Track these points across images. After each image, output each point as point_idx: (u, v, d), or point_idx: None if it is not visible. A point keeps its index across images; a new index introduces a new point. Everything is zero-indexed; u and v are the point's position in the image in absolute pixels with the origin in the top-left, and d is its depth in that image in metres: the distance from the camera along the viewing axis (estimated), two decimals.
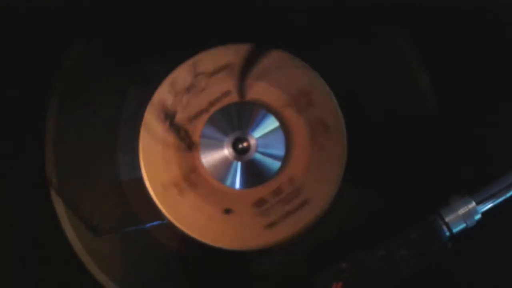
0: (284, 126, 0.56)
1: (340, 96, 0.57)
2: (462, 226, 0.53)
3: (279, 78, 0.57)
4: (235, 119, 0.56)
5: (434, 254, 0.53)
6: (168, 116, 0.56)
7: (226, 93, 0.56)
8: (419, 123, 0.58)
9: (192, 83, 0.57)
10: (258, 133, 0.56)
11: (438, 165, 0.57)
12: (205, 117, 0.56)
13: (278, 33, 0.58)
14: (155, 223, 0.57)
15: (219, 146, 0.56)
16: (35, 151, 0.58)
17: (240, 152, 0.56)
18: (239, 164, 0.56)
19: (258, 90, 0.57)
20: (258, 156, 0.56)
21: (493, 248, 0.57)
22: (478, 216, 0.54)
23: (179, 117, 0.56)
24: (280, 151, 0.56)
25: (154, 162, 0.56)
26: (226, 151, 0.56)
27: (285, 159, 0.56)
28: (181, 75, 0.57)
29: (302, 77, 0.57)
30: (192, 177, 0.56)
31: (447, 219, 0.53)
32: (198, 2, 0.59)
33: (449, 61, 0.59)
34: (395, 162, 0.57)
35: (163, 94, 0.57)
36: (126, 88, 0.59)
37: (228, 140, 0.56)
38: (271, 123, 0.56)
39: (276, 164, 0.56)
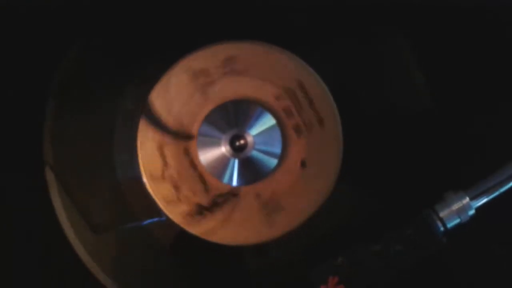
0: (279, 121, 0.56)
1: (339, 95, 0.57)
2: (456, 221, 0.54)
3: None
4: (232, 117, 0.56)
5: (428, 249, 0.53)
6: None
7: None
8: (417, 122, 0.58)
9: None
10: (255, 130, 0.56)
11: (433, 162, 0.57)
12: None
13: (278, 33, 0.58)
14: (153, 220, 0.57)
15: (216, 143, 0.56)
16: (34, 150, 0.58)
17: (238, 150, 0.56)
18: (236, 161, 0.56)
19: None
20: (255, 153, 0.56)
21: (486, 242, 0.57)
22: (472, 212, 0.54)
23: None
24: (277, 148, 0.56)
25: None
26: (224, 149, 0.56)
27: (282, 155, 0.56)
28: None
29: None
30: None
31: (441, 215, 0.54)
32: (196, 2, 0.59)
33: (448, 61, 0.59)
34: (391, 159, 0.58)
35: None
36: (124, 88, 0.59)
37: (226, 138, 0.56)
38: (268, 121, 0.56)
39: (273, 161, 0.56)
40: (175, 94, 0.57)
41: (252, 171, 0.56)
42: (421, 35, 0.59)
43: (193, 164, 0.56)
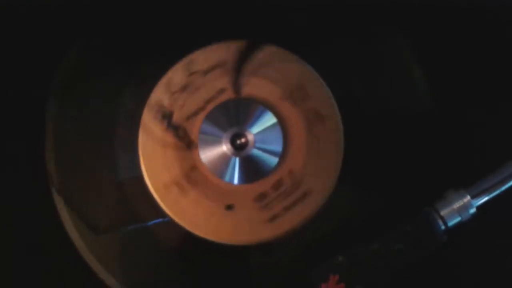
0: (280, 120, 0.56)
1: (339, 95, 0.57)
2: (457, 219, 0.54)
3: (273, 72, 0.57)
4: (233, 115, 0.56)
5: (429, 247, 0.53)
6: (166, 116, 0.57)
7: (222, 91, 0.57)
8: (417, 121, 0.58)
9: (187, 82, 0.57)
10: (256, 128, 0.56)
11: (433, 161, 0.57)
12: (202, 115, 0.57)
13: (278, 32, 0.58)
14: (156, 221, 0.57)
15: (217, 142, 0.56)
16: (36, 151, 0.58)
17: (238, 148, 0.56)
18: (237, 159, 0.56)
19: (253, 86, 0.57)
20: (256, 151, 0.56)
21: (487, 241, 0.57)
22: (473, 210, 0.54)
23: (177, 117, 0.57)
24: (278, 146, 0.56)
25: (154, 161, 0.57)
26: (225, 147, 0.56)
27: (283, 153, 0.56)
28: (176, 74, 0.57)
29: (296, 71, 0.57)
30: (192, 174, 0.56)
31: (442, 213, 0.54)
32: (194, 1, 0.59)
33: (448, 60, 0.59)
34: (391, 159, 0.58)
35: (159, 94, 0.57)
36: (125, 88, 0.59)
37: (226, 136, 0.56)
38: (268, 119, 0.56)
39: (274, 159, 0.56)
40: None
41: (253, 169, 0.56)
42: (421, 35, 0.59)
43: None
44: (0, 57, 0.59)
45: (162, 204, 0.56)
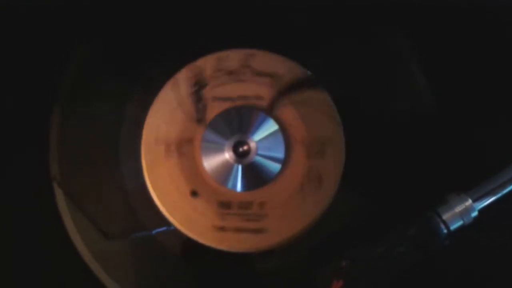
0: (281, 127, 0.57)
1: (339, 96, 0.57)
2: (459, 223, 0.54)
3: (308, 114, 0.58)
4: (235, 123, 0.57)
5: (431, 251, 0.54)
6: (198, 83, 0.57)
7: (258, 97, 0.57)
8: (417, 122, 0.58)
9: (237, 70, 0.58)
10: (258, 136, 0.56)
11: (435, 164, 0.57)
12: (228, 104, 0.57)
13: (278, 33, 0.59)
14: (162, 229, 0.58)
15: (220, 149, 0.57)
16: (41, 157, 0.58)
17: (241, 156, 0.56)
18: (240, 167, 0.56)
19: (285, 113, 0.57)
20: (258, 159, 0.56)
21: (489, 244, 0.57)
22: (475, 214, 0.54)
23: (207, 91, 0.57)
24: (280, 153, 0.56)
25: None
26: (227, 155, 0.57)
27: (285, 161, 0.57)
28: (233, 58, 0.58)
29: (326, 126, 0.57)
30: (184, 150, 0.57)
31: (444, 217, 0.54)
32: (198, 4, 0.59)
33: (448, 60, 0.59)
34: (393, 161, 0.58)
35: (207, 63, 0.57)
36: (129, 94, 0.59)
37: (229, 144, 0.57)
38: (270, 126, 0.57)
39: (276, 166, 0.56)
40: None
41: (255, 176, 0.56)
42: (421, 35, 0.59)
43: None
44: (3, 59, 0.59)
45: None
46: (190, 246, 0.57)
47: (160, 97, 0.57)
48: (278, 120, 0.57)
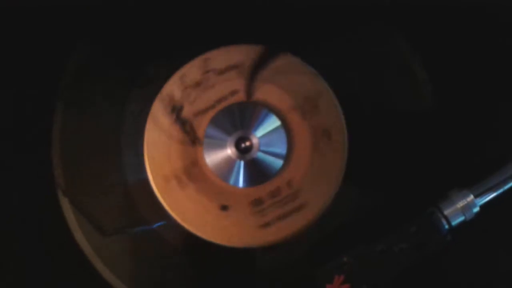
0: (287, 129, 0.57)
1: (339, 95, 0.58)
2: (461, 219, 0.54)
3: (288, 82, 0.57)
4: (238, 119, 0.57)
5: (433, 247, 0.54)
6: (175, 109, 0.57)
7: (234, 92, 0.57)
8: (418, 121, 0.58)
9: (201, 79, 0.58)
10: (260, 132, 0.57)
11: (436, 161, 0.57)
12: (211, 113, 0.57)
13: (278, 33, 0.59)
14: (161, 223, 0.58)
15: (222, 145, 0.57)
16: (42, 153, 0.58)
17: (243, 151, 0.57)
18: (242, 163, 0.57)
19: (265, 92, 0.57)
20: (260, 155, 0.56)
21: (491, 239, 0.57)
22: (476, 209, 0.54)
23: (186, 111, 0.57)
24: (282, 149, 0.57)
25: (159, 163, 0.57)
26: (229, 150, 0.57)
27: (286, 159, 0.57)
28: (191, 70, 0.58)
29: (310, 84, 0.57)
30: (194, 174, 0.57)
31: (446, 213, 0.54)
32: (200, 5, 0.60)
33: (448, 60, 0.59)
34: (394, 158, 0.58)
35: (172, 87, 0.57)
36: (130, 90, 0.59)
37: (231, 140, 0.57)
38: (273, 122, 0.57)
39: (278, 163, 0.56)
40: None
41: (257, 172, 0.56)
42: (421, 35, 0.59)
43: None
44: (3, 59, 0.59)
45: (167, 207, 0.56)
46: (192, 241, 0.57)
47: (147, 138, 0.57)
48: (284, 123, 0.57)
